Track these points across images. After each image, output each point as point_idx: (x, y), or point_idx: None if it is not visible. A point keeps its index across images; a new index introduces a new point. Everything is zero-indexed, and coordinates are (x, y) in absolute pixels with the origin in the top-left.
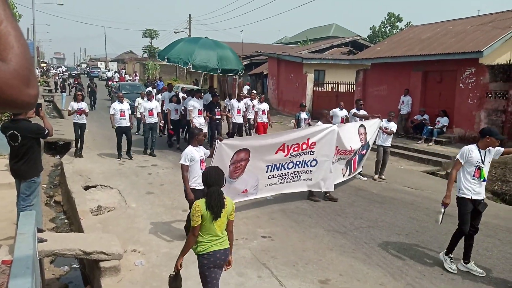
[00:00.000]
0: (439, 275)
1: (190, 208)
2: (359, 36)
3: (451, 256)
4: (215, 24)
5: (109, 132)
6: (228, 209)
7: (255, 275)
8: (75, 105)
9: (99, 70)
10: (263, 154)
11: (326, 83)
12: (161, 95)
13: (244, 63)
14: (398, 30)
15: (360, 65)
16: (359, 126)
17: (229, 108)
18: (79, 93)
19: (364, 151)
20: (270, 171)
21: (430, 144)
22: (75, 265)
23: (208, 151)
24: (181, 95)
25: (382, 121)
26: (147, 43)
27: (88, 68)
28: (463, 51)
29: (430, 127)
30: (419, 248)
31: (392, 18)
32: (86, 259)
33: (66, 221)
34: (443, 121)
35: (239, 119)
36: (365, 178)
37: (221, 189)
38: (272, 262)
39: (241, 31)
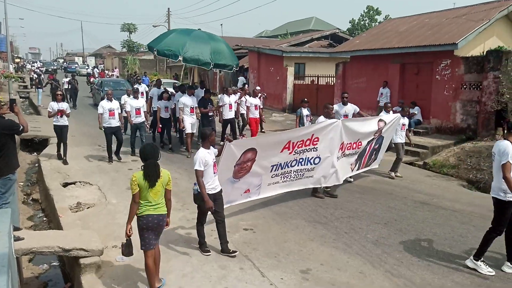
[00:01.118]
0: (416, 262)
1: (201, 213)
2: (338, 29)
3: (483, 260)
4: (195, 18)
5: (87, 128)
6: (163, 179)
7: (237, 267)
8: (55, 106)
9: (76, 65)
10: (269, 153)
11: (307, 76)
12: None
13: None
14: (377, 23)
15: (339, 58)
16: (379, 120)
17: (220, 104)
18: (59, 92)
19: (377, 146)
20: (274, 170)
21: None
22: (54, 263)
23: (217, 150)
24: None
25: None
26: (126, 37)
27: (65, 63)
28: (439, 43)
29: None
30: (397, 236)
31: (371, 11)
32: (66, 256)
33: (44, 219)
34: (415, 110)
35: (230, 115)
36: (352, 180)
37: (221, 187)
38: (254, 254)
39: (221, 24)
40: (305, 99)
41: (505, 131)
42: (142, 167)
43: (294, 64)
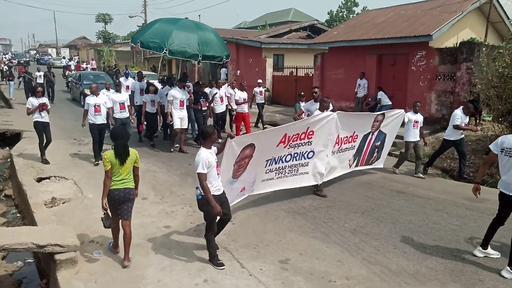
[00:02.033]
0: (392, 249)
1: (209, 219)
2: (317, 20)
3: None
4: (172, 9)
5: (62, 122)
6: (132, 157)
7: None
8: (35, 102)
9: (50, 56)
10: (266, 148)
11: (285, 68)
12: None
13: None
14: (355, 15)
15: (318, 49)
16: (378, 114)
17: (210, 98)
18: (39, 88)
19: (378, 143)
20: (269, 166)
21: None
22: (29, 260)
23: (216, 148)
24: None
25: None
26: (101, 28)
27: (37, 55)
28: (414, 35)
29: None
30: (374, 225)
31: (349, 3)
32: (41, 252)
33: (18, 215)
34: (380, 95)
35: (221, 108)
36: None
37: (224, 190)
38: (233, 245)
39: (199, 15)
40: (302, 93)
41: None
42: (113, 147)
43: (273, 55)
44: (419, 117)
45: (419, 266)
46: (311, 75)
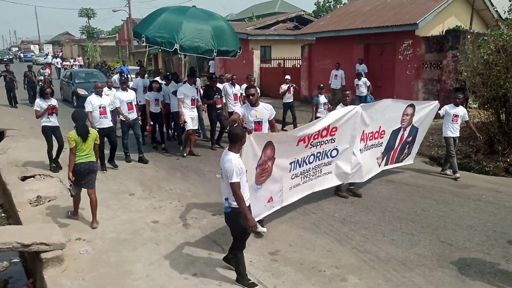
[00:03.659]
0: (381, 237)
1: (240, 235)
2: (304, 11)
3: None
4: (157, 2)
5: None
6: (92, 136)
7: (206, 252)
8: (43, 104)
9: (32, 53)
10: (286, 148)
11: (273, 59)
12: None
13: None
14: (342, 5)
15: (305, 40)
16: (408, 106)
17: (223, 95)
18: (48, 89)
19: (410, 138)
20: (293, 169)
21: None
22: (15, 259)
23: None
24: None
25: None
26: (85, 23)
27: (19, 52)
28: (400, 24)
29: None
30: (363, 214)
31: None
32: (26, 251)
33: (3, 215)
34: (361, 82)
35: (236, 107)
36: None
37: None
38: (222, 239)
39: None
40: (321, 85)
41: None
42: (75, 127)
43: (260, 47)
44: (460, 110)
45: (407, 253)
46: (298, 66)
